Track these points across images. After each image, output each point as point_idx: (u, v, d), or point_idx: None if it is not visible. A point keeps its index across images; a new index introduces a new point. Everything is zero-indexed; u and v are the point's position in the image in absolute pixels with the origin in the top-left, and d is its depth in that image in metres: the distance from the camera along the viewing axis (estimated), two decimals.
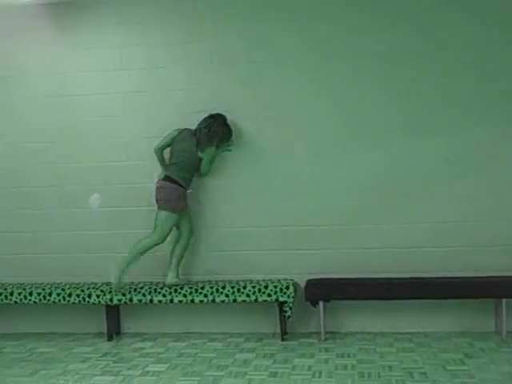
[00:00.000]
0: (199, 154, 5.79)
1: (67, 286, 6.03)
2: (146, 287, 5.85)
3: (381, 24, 5.76)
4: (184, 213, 5.85)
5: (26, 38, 6.28)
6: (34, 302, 5.99)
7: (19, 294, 5.99)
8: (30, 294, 5.98)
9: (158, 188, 5.77)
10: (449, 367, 4.76)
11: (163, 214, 5.72)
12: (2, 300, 6.02)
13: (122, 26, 6.14)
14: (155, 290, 5.79)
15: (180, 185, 5.73)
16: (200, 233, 6.05)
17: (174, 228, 5.87)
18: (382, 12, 5.77)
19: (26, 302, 5.99)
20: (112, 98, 6.18)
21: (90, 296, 5.88)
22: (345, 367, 4.86)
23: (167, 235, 5.79)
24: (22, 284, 6.23)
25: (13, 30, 6.29)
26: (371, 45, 5.76)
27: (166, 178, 5.74)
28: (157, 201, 5.76)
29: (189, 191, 5.85)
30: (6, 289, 6.05)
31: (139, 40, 6.13)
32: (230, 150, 5.91)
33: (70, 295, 5.92)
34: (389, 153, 5.79)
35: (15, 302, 6.02)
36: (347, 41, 5.81)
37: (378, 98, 5.81)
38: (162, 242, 5.79)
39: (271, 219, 5.96)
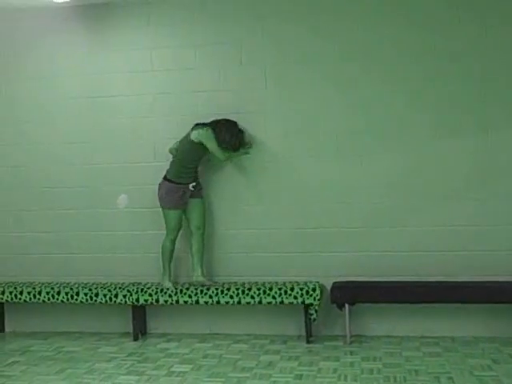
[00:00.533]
0: (191, 136, 5.76)
1: (94, 286, 6.08)
2: (172, 287, 5.88)
3: (398, 23, 5.76)
4: (186, 207, 5.90)
5: (57, 40, 6.37)
6: (62, 301, 6.05)
7: (47, 293, 6.06)
8: (58, 293, 6.04)
9: None
10: (476, 372, 4.69)
11: (162, 210, 5.89)
12: (30, 299, 6.10)
13: (152, 27, 6.19)
14: (181, 290, 5.81)
15: (168, 179, 5.82)
16: (227, 234, 6.06)
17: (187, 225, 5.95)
18: (399, 11, 5.76)
19: (53, 301, 6.06)
20: (141, 100, 6.23)
21: (116, 296, 5.92)
22: (370, 371, 4.82)
23: (174, 230, 5.89)
24: (50, 283, 6.29)
25: (44, 31, 6.40)
26: (400, 45, 5.74)
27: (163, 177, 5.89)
28: None
29: (191, 185, 5.85)
30: (34, 288, 6.12)
31: (168, 41, 6.17)
32: (248, 153, 5.90)
33: (96, 295, 5.97)
34: (415, 154, 5.75)
35: (43, 301, 6.08)
36: (373, 43, 5.79)
37: (400, 98, 5.78)
38: (174, 237, 5.90)
39: (298, 221, 5.94)
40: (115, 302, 5.93)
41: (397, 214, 5.80)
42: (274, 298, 5.65)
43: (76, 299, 6.01)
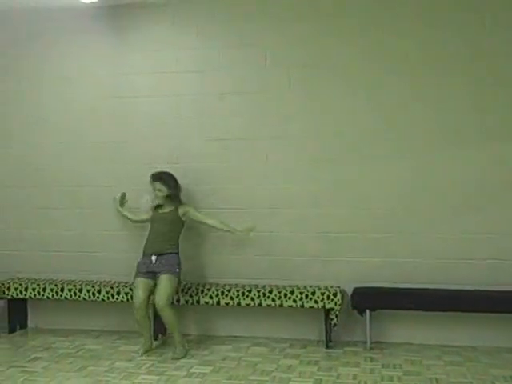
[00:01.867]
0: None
1: (116, 284, 6.12)
2: (194, 288, 5.89)
3: (424, 25, 5.73)
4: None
5: (84, 40, 6.43)
6: (84, 299, 6.10)
7: (69, 290, 6.11)
8: (80, 290, 6.09)
9: None
10: (498, 383, 4.66)
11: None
12: (52, 295, 6.15)
13: (178, 28, 6.21)
14: (202, 291, 5.83)
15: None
16: (248, 237, 6.05)
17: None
18: (424, 14, 5.73)
19: (75, 298, 6.11)
20: (167, 101, 6.26)
21: None
22: (391, 378, 4.80)
23: None
24: (72, 281, 6.34)
25: (71, 31, 6.45)
26: (426, 49, 5.71)
27: None
28: None
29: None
30: (56, 285, 6.18)
31: (194, 43, 6.19)
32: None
33: (118, 293, 6.00)
34: (440, 160, 5.71)
35: (65, 298, 6.13)
36: (398, 46, 5.76)
37: (421, 103, 5.75)
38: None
39: (320, 225, 5.93)
40: None
41: (421, 220, 5.75)
42: (294, 301, 5.65)
43: (97, 297, 6.05)
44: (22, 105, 6.59)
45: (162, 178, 5.78)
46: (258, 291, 5.74)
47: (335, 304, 5.58)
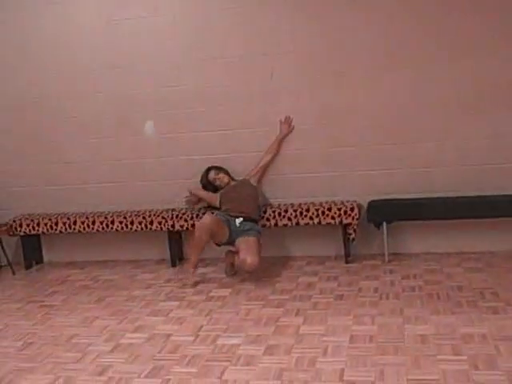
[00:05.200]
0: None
1: (128, 214, 6.05)
2: (206, 211, 5.80)
3: None
4: None
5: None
6: (97, 231, 6.05)
7: (82, 222, 6.06)
8: (93, 222, 6.03)
9: None
10: None
11: None
12: (65, 229, 6.10)
13: None
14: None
15: None
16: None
17: None
18: None
19: (88, 230, 6.06)
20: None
21: (151, 223, 5.89)
22: (412, 289, 4.76)
23: None
24: (84, 213, 6.28)
25: None
26: None
27: None
28: None
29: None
30: (69, 218, 6.12)
31: None
32: None
33: (132, 223, 5.94)
34: (453, 68, 5.48)
35: (79, 231, 6.09)
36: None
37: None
38: None
39: (331, 140, 5.78)
40: (150, 229, 5.91)
41: (434, 129, 5.59)
42: (311, 218, 5.57)
43: (111, 228, 6.00)
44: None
45: (219, 168, 5.84)
46: (274, 211, 5.67)
47: (353, 219, 5.50)
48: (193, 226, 5.75)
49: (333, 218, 5.53)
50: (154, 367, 3.70)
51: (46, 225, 6.15)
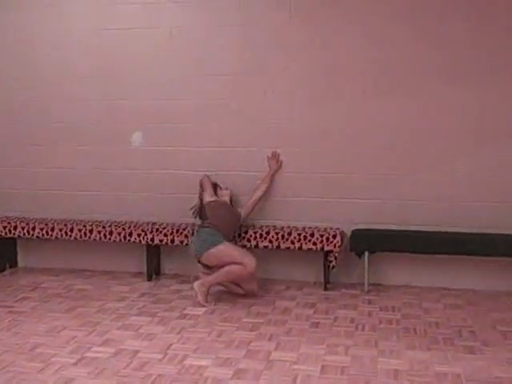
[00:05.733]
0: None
1: (108, 224, 5.94)
2: (189, 228, 5.72)
3: None
4: None
5: None
6: (75, 239, 5.94)
7: (60, 229, 5.94)
8: (71, 230, 5.92)
9: None
10: (499, 327, 4.54)
11: None
12: (42, 235, 5.98)
13: None
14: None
15: None
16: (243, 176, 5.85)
17: None
18: None
19: (66, 237, 5.94)
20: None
21: (130, 235, 5.79)
22: (389, 321, 4.67)
23: None
24: (63, 220, 6.17)
25: None
26: None
27: None
28: None
29: None
30: (47, 224, 6.01)
31: None
32: None
33: (110, 233, 5.84)
34: (443, 101, 5.45)
35: (56, 238, 5.97)
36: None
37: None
38: None
39: (318, 166, 5.72)
40: (129, 240, 5.81)
41: (420, 162, 5.55)
42: (292, 243, 5.48)
43: (89, 237, 5.89)
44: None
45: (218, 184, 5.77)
46: (255, 232, 5.58)
47: (334, 246, 5.42)
48: (172, 241, 5.66)
49: (314, 243, 5.44)
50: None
51: (23, 228, 6.02)
